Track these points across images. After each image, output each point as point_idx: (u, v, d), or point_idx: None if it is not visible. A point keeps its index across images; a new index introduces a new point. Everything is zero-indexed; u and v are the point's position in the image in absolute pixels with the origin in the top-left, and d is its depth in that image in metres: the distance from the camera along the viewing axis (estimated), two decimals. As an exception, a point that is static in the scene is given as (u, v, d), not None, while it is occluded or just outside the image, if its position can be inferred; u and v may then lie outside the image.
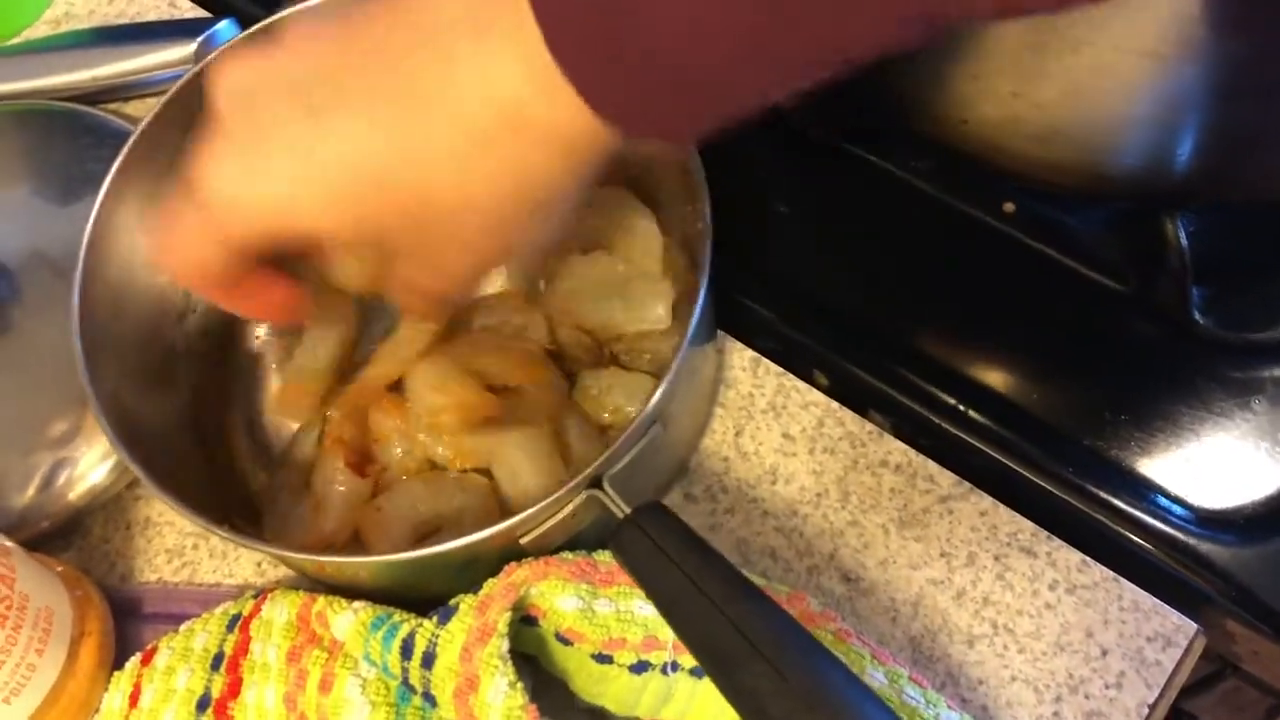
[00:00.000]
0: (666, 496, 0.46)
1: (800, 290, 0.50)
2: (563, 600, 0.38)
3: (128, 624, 0.46)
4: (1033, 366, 0.48)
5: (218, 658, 0.41)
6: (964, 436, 0.46)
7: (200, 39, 0.57)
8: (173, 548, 0.48)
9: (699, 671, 0.38)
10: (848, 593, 0.44)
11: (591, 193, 0.32)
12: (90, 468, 0.48)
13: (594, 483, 0.37)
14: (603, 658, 0.38)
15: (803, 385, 0.48)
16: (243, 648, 0.41)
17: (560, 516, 0.37)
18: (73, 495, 0.48)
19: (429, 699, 0.38)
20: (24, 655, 0.40)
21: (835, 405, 0.47)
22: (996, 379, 0.48)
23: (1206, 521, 0.44)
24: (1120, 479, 0.45)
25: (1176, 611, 0.42)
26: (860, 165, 0.53)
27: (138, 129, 0.44)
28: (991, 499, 0.45)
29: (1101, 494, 0.44)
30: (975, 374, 0.48)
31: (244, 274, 0.34)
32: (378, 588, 0.41)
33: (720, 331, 0.49)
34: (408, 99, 0.29)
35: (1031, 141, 0.41)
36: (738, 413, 0.47)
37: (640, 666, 0.38)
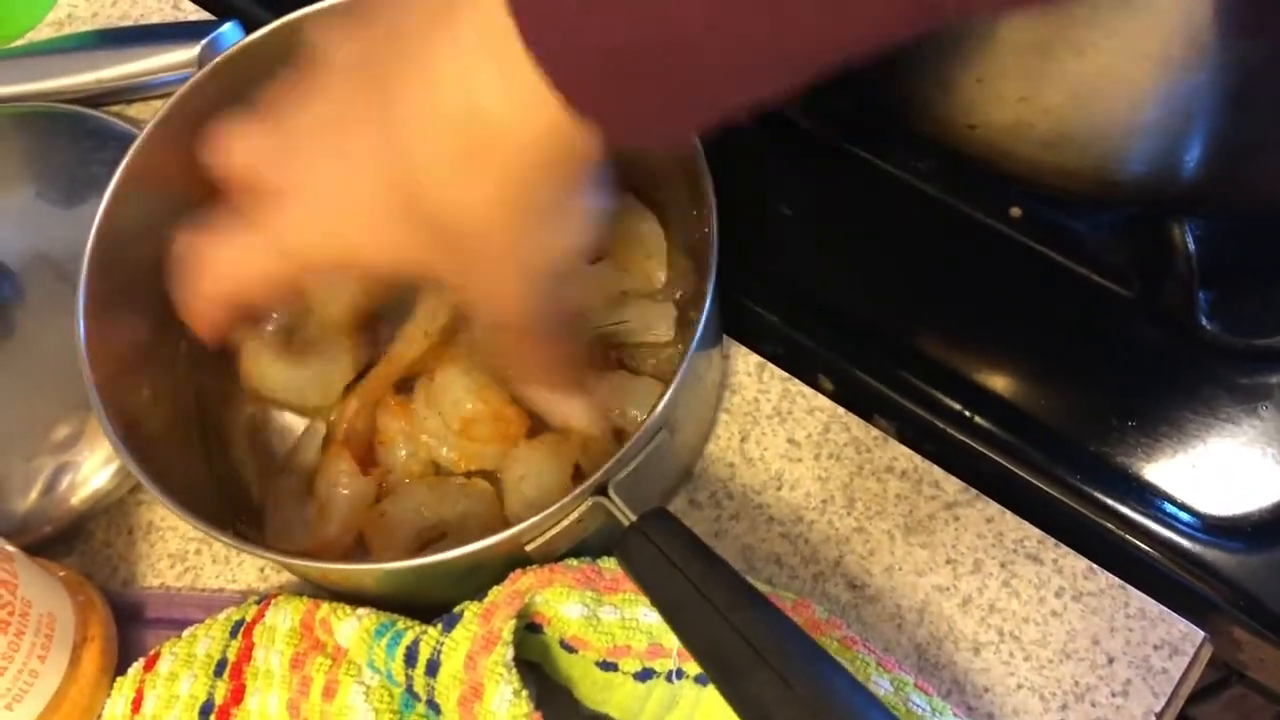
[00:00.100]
0: (671, 502, 0.46)
1: (805, 294, 0.50)
2: (567, 607, 0.38)
3: (130, 629, 0.45)
4: (1038, 372, 0.48)
5: (221, 664, 0.41)
6: (969, 442, 0.46)
7: (204, 41, 0.57)
8: (175, 553, 0.48)
9: (703, 679, 0.38)
10: (853, 599, 0.43)
11: (611, 203, 0.32)
12: (93, 472, 0.48)
13: (600, 489, 0.37)
14: (607, 665, 0.38)
15: (808, 390, 0.48)
16: (246, 654, 0.41)
17: (566, 523, 0.37)
18: (75, 500, 0.48)
19: (433, 707, 0.38)
20: (26, 661, 0.40)
21: (841, 411, 0.47)
22: (1002, 384, 0.48)
23: (1213, 528, 0.44)
24: (1126, 485, 0.45)
25: (1183, 619, 0.42)
26: (865, 168, 0.53)
27: (142, 132, 0.43)
28: (998, 505, 0.45)
29: (1108, 501, 0.44)
30: (981, 379, 0.48)
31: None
32: (381, 594, 0.41)
33: (725, 336, 0.49)
34: (406, 121, 0.29)
35: (1039, 146, 0.41)
36: (743, 418, 0.47)
37: (645, 674, 0.38)
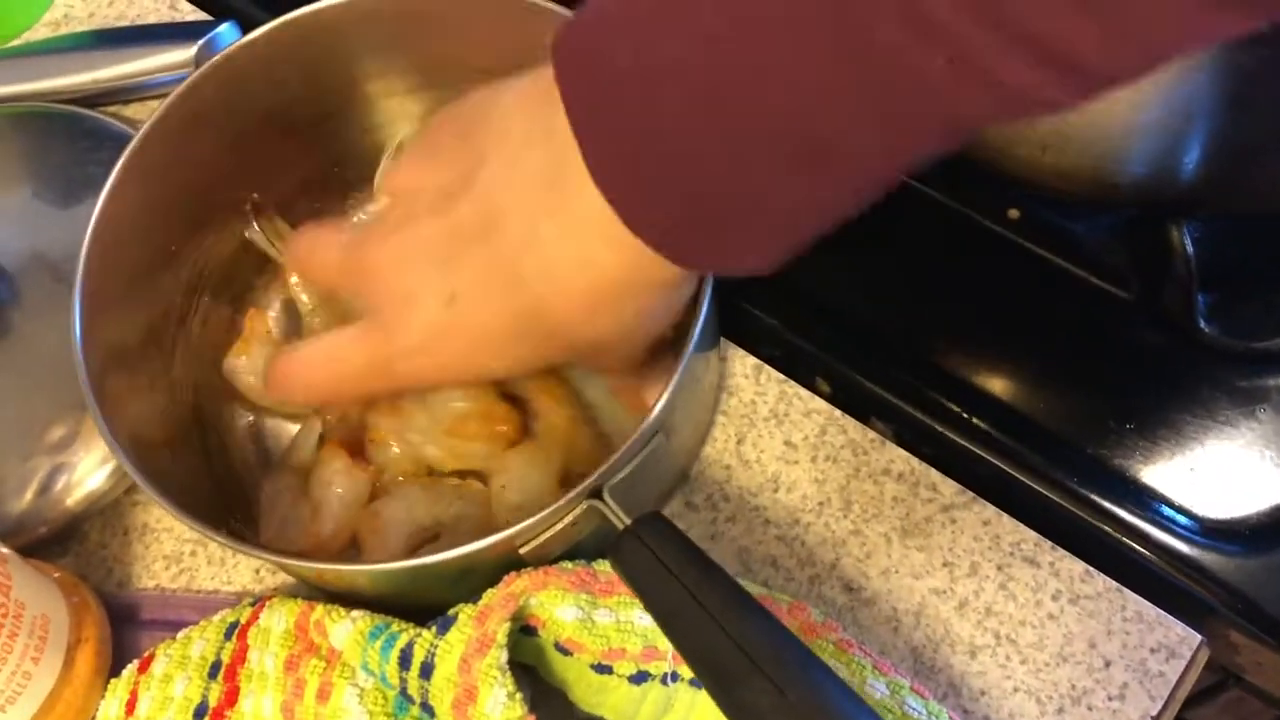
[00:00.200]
0: (667, 505, 0.46)
1: (802, 296, 0.50)
2: (562, 610, 0.37)
3: (125, 631, 0.45)
4: (1036, 374, 0.48)
5: (215, 666, 0.41)
6: (967, 444, 0.46)
7: (201, 42, 0.57)
8: (171, 554, 0.48)
9: (698, 682, 0.38)
10: (849, 602, 0.43)
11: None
12: (88, 473, 0.48)
13: (594, 493, 0.36)
14: (602, 668, 0.38)
15: (805, 393, 0.47)
16: (240, 656, 0.41)
17: (560, 527, 0.36)
18: (70, 501, 0.47)
19: (427, 709, 0.37)
20: (20, 663, 0.40)
21: (838, 413, 0.47)
22: (999, 386, 0.48)
23: (1211, 532, 0.43)
24: (1124, 488, 0.44)
25: (1180, 622, 0.42)
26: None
27: (139, 132, 0.43)
28: (994, 508, 0.44)
29: (1105, 503, 0.44)
30: (978, 381, 0.48)
31: None
32: (376, 595, 0.41)
33: (722, 338, 0.48)
34: (515, 267, 0.34)
35: (1039, 148, 0.41)
36: (739, 420, 0.47)
37: (640, 677, 0.38)
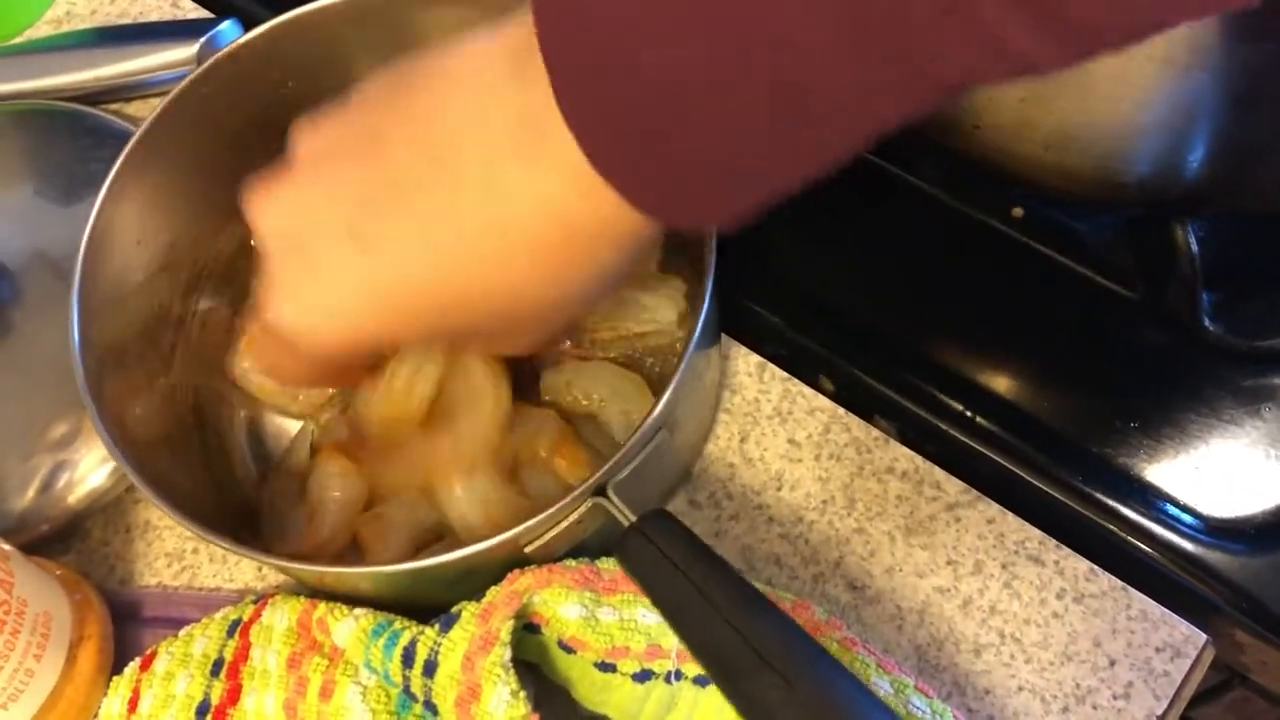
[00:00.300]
0: (671, 503, 0.46)
1: (806, 295, 0.50)
2: (566, 608, 0.37)
3: (127, 628, 0.45)
4: (1040, 373, 0.48)
5: (217, 663, 0.41)
6: (971, 443, 0.46)
7: (203, 39, 0.57)
8: (173, 551, 0.48)
9: (702, 680, 0.38)
10: (853, 601, 0.43)
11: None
12: (90, 471, 0.47)
13: (599, 490, 0.36)
14: (606, 666, 0.38)
15: (809, 391, 0.47)
16: (243, 654, 0.41)
17: (565, 525, 0.36)
18: (72, 498, 0.47)
19: (430, 707, 0.37)
20: (22, 660, 0.39)
21: (841, 411, 0.47)
22: (1004, 385, 0.47)
23: (1216, 530, 0.43)
24: (1129, 487, 0.44)
25: (1185, 621, 0.42)
26: (867, 168, 0.53)
27: (139, 130, 0.43)
28: (999, 507, 0.44)
29: (1110, 502, 0.44)
30: (982, 380, 0.48)
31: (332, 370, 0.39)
32: (378, 597, 0.41)
33: (726, 337, 0.48)
34: (457, 219, 0.31)
35: (1043, 147, 0.41)
36: (743, 418, 0.47)
37: (643, 675, 0.38)
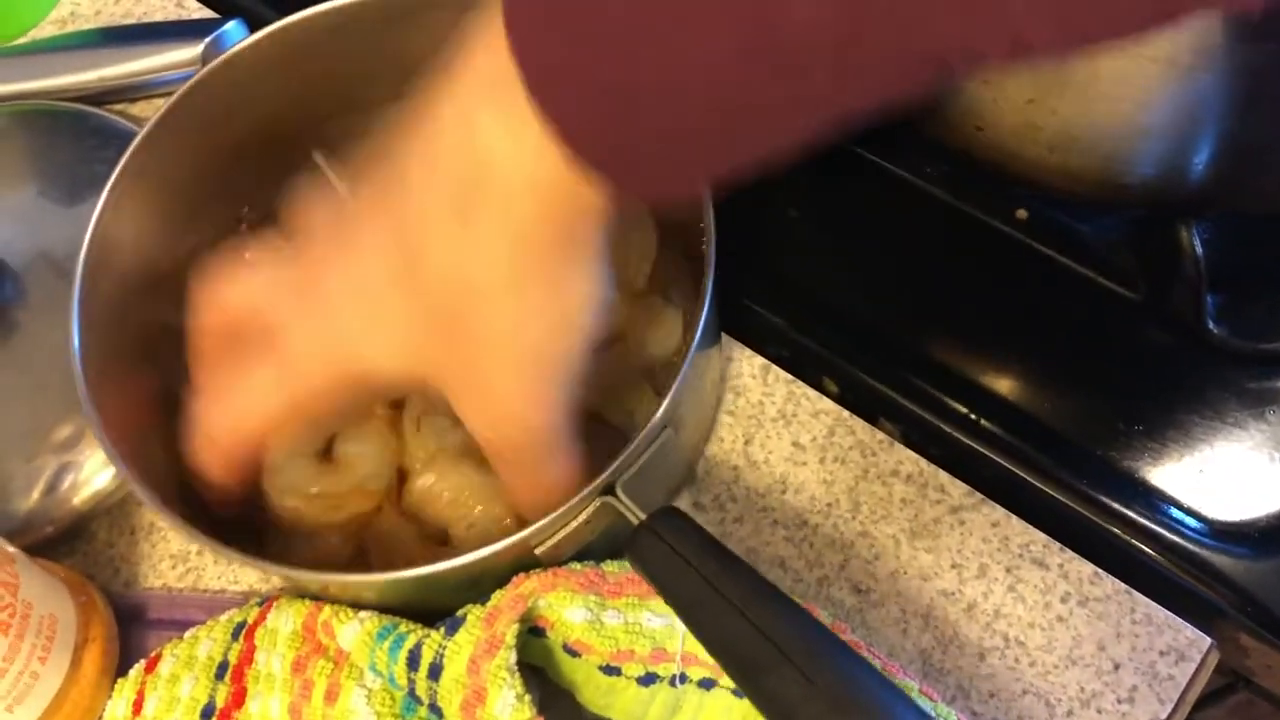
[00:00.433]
0: (675, 504, 0.46)
1: (810, 296, 0.50)
2: (571, 611, 0.37)
3: (132, 630, 0.45)
4: (1044, 375, 0.48)
5: (222, 666, 0.41)
6: (975, 446, 0.46)
7: (208, 40, 0.57)
8: (177, 553, 0.48)
9: (707, 683, 0.38)
10: (858, 604, 0.43)
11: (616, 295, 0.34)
12: (94, 472, 0.47)
13: (607, 489, 0.36)
14: (611, 669, 0.38)
15: (813, 393, 0.47)
16: (247, 657, 0.41)
17: (574, 525, 0.36)
18: (77, 500, 0.47)
19: (435, 710, 0.37)
20: (27, 663, 0.39)
21: (846, 414, 0.47)
22: (1008, 387, 0.47)
23: (1220, 534, 0.43)
24: (1133, 490, 0.44)
25: (1190, 625, 0.42)
26: (871, 169, 0.53)
27: (142, 130, 0.43)
28: (1003, 510, 0.44)
29: (1114, 505, 0.44)
30: (986, 382, 0.48)
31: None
32: (384, 605, 0.41)
33: (730, 338, 0.48)
34: (408, 180, 0.31)
35: (1047, 149, 0.41)
36: (747, 421, 0.47)
37: (648, 678, 0.38)
